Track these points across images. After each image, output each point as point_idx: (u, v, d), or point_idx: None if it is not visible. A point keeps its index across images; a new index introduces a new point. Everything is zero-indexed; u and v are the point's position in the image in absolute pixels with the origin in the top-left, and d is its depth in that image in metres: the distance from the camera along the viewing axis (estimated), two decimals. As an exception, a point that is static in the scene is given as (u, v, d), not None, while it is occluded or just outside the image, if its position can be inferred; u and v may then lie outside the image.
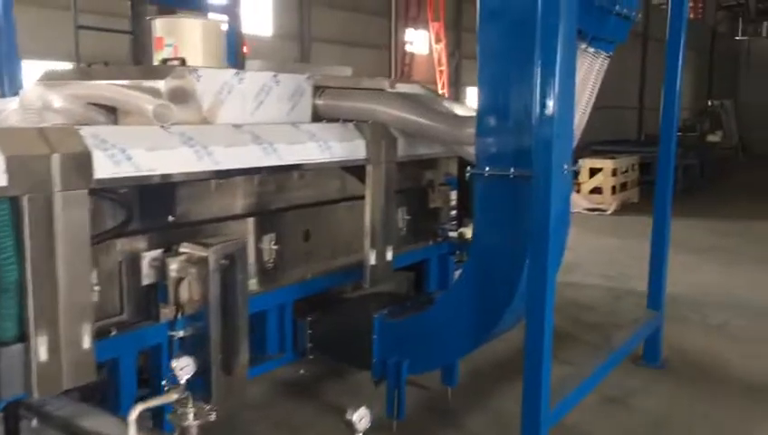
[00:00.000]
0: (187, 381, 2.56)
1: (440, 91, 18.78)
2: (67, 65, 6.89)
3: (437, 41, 20.56)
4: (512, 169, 3.48)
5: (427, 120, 4.27)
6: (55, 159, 2.66)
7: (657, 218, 5.13)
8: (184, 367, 2.53)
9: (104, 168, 2.76)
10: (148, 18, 4.23)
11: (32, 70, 4.68)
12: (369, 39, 17.97)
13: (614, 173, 13.29)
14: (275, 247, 4.08)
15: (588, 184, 13.21)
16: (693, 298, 7.09)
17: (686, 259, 8.74)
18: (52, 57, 8.80)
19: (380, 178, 4.28)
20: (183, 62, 3.73)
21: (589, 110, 4.67)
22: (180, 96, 3.55)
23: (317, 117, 4.39)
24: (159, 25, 4.14)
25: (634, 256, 8.80)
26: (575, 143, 4.50)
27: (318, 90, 4.40)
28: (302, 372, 4.77)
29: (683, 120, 21.62)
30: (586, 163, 13.31)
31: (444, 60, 20.54)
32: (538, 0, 3.18)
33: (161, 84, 3.47)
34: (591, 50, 4.48)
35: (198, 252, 3.40)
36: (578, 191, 13.27)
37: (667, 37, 5.02)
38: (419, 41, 20.82)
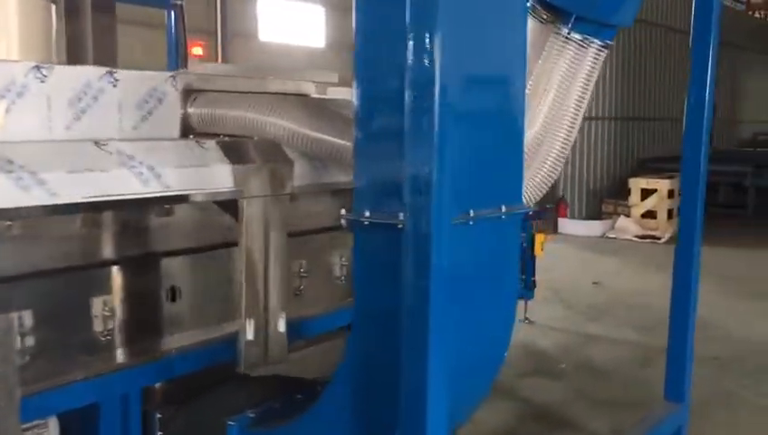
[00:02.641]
0: None
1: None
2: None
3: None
4: (401, 215, 2.18)
5: (332, 136, 3.02)
6: None
7: (679, 266, 3.71)
8: None
9: None
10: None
11: None
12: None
13: (671, 195, 11.57)
14: (107, 314, 2.90)
15: (639, 207, 11.56)
16: (747, 364, 5.52)
17: (747, 307, 7.14)
18: None
19: (261, 216, 3.05)
20: (-50, 51, 2.58)
21: (579, 121, 3.34)
22: (-74, 100, 2.42)
23: (189, 132, 3.19)
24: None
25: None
26: (549, 170, 3.21)
27: (191, 95, 3.20)
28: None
29: (754, 134, 19.51)
30: (638, 183, 11.69)
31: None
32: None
33: None
34: (576, 36, 3.16)
35: None
36: (628, 215, 11.66)
37: (692, 30, 3.63)
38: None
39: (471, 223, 2.26)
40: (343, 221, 2.34)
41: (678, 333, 3.61)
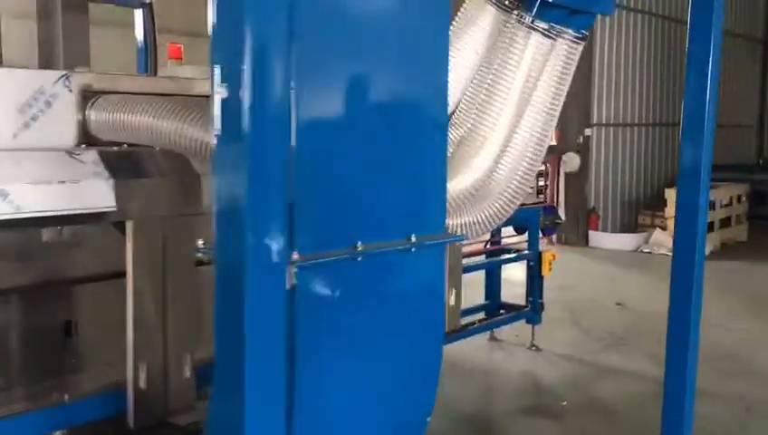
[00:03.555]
0: None
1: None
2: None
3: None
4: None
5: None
6: None
7: (674, 304, 3.18)
8: None
9: None
10: None
11: None
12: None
13: (711, 206, 10.73)
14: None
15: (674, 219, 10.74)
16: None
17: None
18: None
19: (157, 240, 2.57)
20: None
21: (550, 133, 2.82)
22: None
23: (88, 140, 2.74)
24: None
25: (716, 324, 6.45)
26: (514, 192, 2.71)
27: (91, 97, 2.74)
28: None
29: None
30: (674, 194, 10.86)
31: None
32: None
33: None
34: (542, 25, 2.63)
35: None
36: (663, 228, 10.86)
37: (689, 17, 3.05)
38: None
39: (359, 259, 1.74)
40: (201, 255, 1.83)
41: (676, 372, 3.10)
